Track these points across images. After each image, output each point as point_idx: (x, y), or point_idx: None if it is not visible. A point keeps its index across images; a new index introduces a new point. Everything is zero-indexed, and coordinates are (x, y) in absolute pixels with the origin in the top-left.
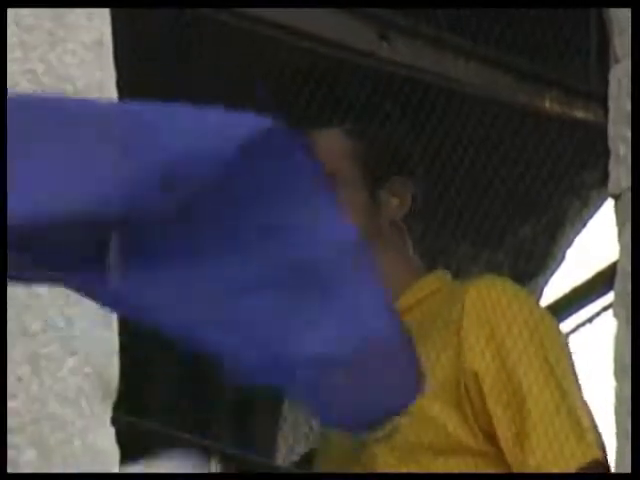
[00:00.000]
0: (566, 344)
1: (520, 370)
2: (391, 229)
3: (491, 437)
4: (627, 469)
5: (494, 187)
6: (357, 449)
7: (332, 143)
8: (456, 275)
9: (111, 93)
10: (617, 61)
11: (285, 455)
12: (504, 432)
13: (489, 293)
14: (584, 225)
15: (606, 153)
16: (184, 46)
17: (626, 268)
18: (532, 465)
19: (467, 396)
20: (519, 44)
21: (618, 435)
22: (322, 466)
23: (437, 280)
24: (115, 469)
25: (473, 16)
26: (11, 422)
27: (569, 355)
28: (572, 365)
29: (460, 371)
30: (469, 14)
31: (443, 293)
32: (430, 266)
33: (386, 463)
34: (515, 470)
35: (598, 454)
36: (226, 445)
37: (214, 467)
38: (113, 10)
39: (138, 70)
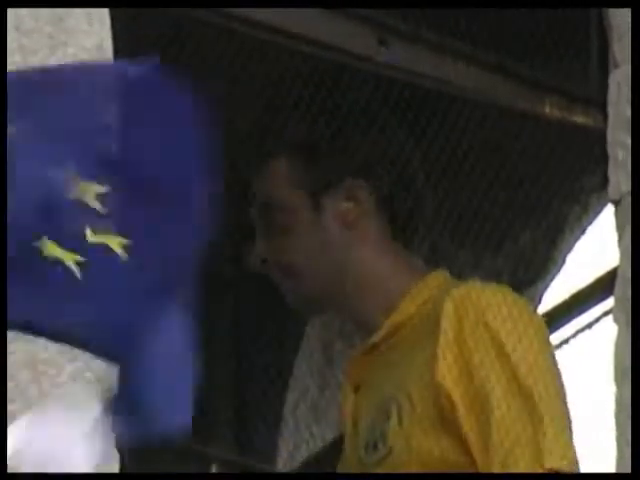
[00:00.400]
0: (548, 353)
1: (487, 386)
2: (352, 233)
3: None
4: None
5: (494, 192)
6: (360, 470)
7: (273, 175)
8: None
9: None
10: (616, 66)
11: (286, 460)
12: (476, 448)
13: (466, 299)
14: (584, 230)
15: (605, 158)
16: (184, 50)
17: (626, 273)
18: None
19: (444, 410)
20: (519, 49)
21: (618, 440)
22: None
23: (435, 280)
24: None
25: (473, 21)
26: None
27: (548, 365)
28: (551, 373)
29: (436, 385)
30: (469, 19)
31: (435, 298)
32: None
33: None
34: None
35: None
36: (227, 451)
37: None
38: (113, 14)
39: None
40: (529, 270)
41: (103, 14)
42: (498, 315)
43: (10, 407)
